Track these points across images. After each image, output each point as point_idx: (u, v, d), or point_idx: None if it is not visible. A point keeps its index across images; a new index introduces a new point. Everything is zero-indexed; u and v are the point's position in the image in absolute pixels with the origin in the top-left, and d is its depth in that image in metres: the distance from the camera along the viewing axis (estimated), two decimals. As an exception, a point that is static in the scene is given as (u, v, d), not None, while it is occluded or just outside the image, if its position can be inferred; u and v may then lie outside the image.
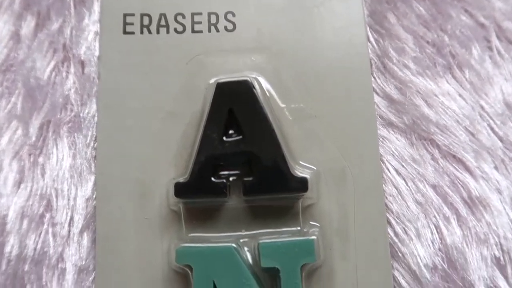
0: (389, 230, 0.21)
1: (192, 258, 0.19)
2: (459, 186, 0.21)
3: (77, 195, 0.22)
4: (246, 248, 0.20)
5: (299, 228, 0.21)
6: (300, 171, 0.21)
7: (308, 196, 0.21)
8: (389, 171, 0.22)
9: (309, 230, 0.21)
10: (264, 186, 0.20)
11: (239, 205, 0.21)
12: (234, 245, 0.20)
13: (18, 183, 0.22)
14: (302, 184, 0.20)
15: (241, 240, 0.20)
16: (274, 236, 0.20)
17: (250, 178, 0.20)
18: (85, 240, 0.21)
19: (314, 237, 0.20)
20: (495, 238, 0.21)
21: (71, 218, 0.21)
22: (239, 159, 0.20)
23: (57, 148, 0.22)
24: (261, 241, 0.20)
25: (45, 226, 0.21)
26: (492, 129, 0.22)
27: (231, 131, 0.21)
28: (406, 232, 0.21)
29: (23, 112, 0.22)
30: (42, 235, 0.21)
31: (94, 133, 0.22)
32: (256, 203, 0.21)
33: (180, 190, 0.20)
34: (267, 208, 0.21)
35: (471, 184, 0.21)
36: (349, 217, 0.21)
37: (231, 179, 0.21)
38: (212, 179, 0.20)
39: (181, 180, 0.20)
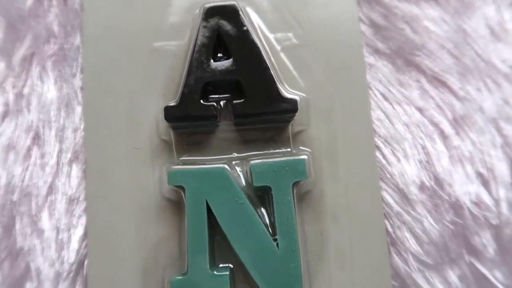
0: (377, 154, 0.21)
1: (184, 178, 0.19)
2: (444, 107, 0.22)
3: (64, 126, 0.21)
4: (238, 169, 0.20)
5: (289, 150, 0.21)
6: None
7: (298, 122, 0.21)
8: (376, 96, 0.22)
9: (300, 152, 0.21)
10: (254, 108, 0.20)
11: (230, 129, 0.21)
12: (226, 166, 0.20)
13: (2, 115, 0.21)
14: (292, 105, 0.20)
15: (233, 163, 0.21)
16: (265, 157, 0.20)
17: (240, 101, 0.20)
18: (75, 170, 0.21)
19: (305, 156, 0.20)
20: (479, 156, 0.21)
21: (60, 149, 0.21)
22: (228, 82, 0.20)
23: (41, 80, 0.22)
24: (252, 161, 0.20)
25: (33, 158, 0.21)
26: (475, 51, 0.22)
27: (220, 55, 0.20)
28: (394, 154, 0.21)
29: (4, 44, 0.22)
30: (30, 167, 0.21)
31: (79, 63, 0.22)
32: (247, 127, 0.21)
33: (170, 113, 0.20)
34: (258, 131, 0.21)
35: (456, 105, 0.22)
36: (338, 142, 0.21)
37: (221, 103, 0.21)
38: (202, 101, 0.20)
39: (171, 103, 0.20)
